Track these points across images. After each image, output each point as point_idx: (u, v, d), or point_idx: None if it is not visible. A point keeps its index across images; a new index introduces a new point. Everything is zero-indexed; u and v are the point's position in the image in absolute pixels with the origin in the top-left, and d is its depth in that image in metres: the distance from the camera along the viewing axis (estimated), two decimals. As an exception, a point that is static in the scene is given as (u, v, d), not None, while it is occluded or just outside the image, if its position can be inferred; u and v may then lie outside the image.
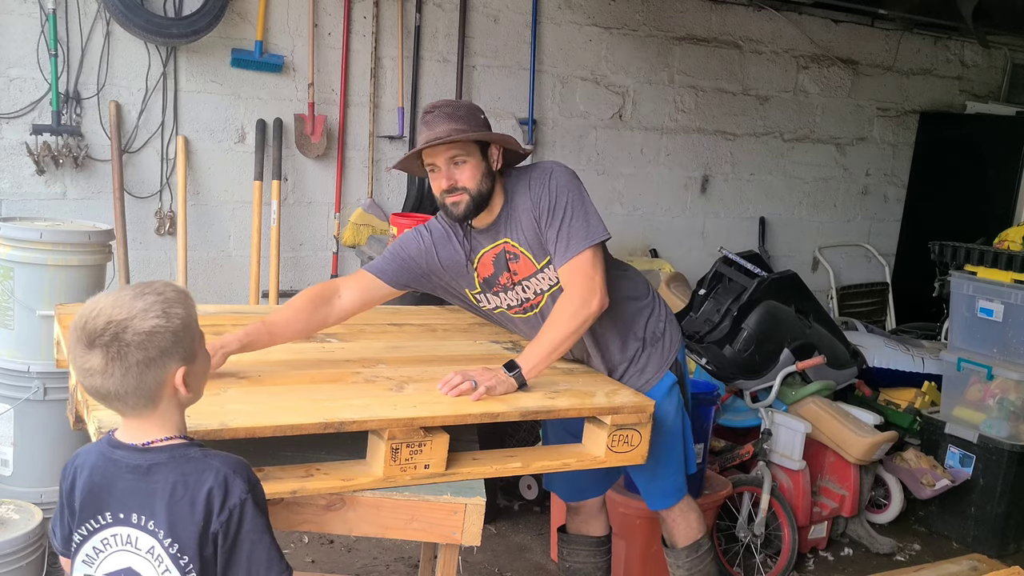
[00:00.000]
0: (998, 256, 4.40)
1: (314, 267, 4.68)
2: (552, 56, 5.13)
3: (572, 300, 2.44)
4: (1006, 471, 4.26)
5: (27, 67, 3.92)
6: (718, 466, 3.95)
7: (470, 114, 2.50)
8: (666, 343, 2.72)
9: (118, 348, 1.47)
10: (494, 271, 2.63)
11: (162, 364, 1.52)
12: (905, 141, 6.63)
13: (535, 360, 2.37)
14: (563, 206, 2.48)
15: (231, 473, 1.55)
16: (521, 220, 2.54)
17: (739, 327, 4.00)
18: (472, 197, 2.49)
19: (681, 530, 2.84)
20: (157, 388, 1.53)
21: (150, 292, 1.53)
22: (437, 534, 2.04)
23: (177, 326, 1.53)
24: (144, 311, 1.49)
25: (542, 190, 2.50)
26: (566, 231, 2.46)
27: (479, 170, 2.49)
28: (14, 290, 3.18)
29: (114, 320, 1.48)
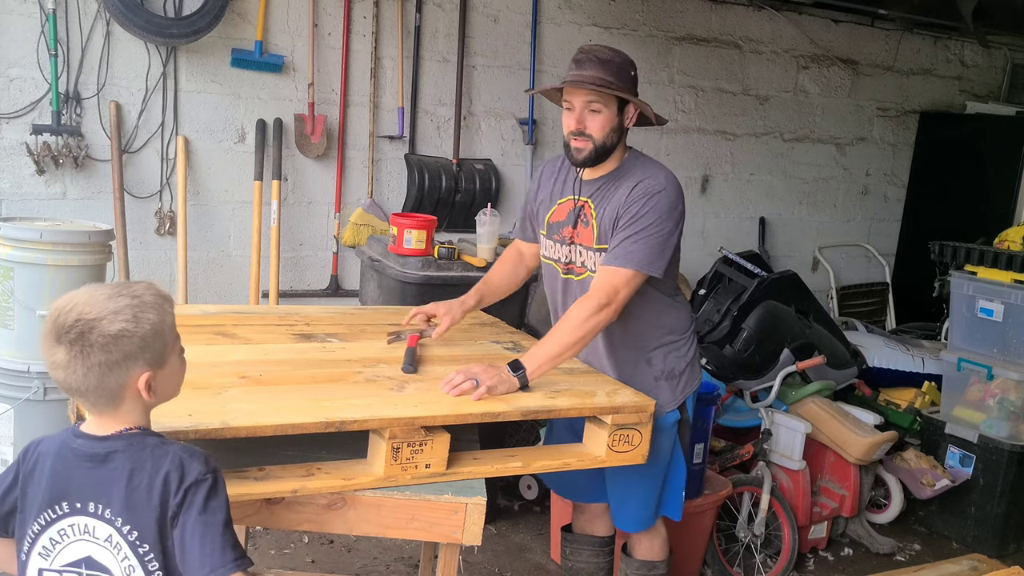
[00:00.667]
0: (998, 256, 4.40)
1: (314, 267, 4.68)
2: (552, 56, 5.13)
3: (588, 303, 2.45)
4: (1006, 471, 4.26)
5: (27, 67, 3.92)
6: (718, 466, 3.95)
7: (621, 68, 2.53)
8: (681, 383, 2.71)
9: (81, 347, 1.48)
10: (564, 220, 2.69)
11: (125, 368, 1.51)
12: (905, 141, 6.63)
13: (540, 361, 2.37)
14: (644, 226, 2.49)
15: (188, 457, 1.55)
16: (611, 200, 2.56)
17: (739, 327, 4.01)
18: (595, 147, 2.55)
19: (643, 547, 2.88)
20: (119, 390, 1.53)
21: (126, 294, 1.53)
22: (438, 534, 2.04)
23: (146, 331, 1.52)
24: (114, 313, 1.50)
25: (643, 199, 2.50)
26: (629, 245, 2.48)
27: (610, 123, 2.54)
28: (14, 290, 3.18)
29: (83, 318, 1.48)
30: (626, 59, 2.60)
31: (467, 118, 4.94)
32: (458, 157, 4.88)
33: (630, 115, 2.58)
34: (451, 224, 4.81)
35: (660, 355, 2.68)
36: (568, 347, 2.42)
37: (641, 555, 2.90)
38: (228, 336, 2.49)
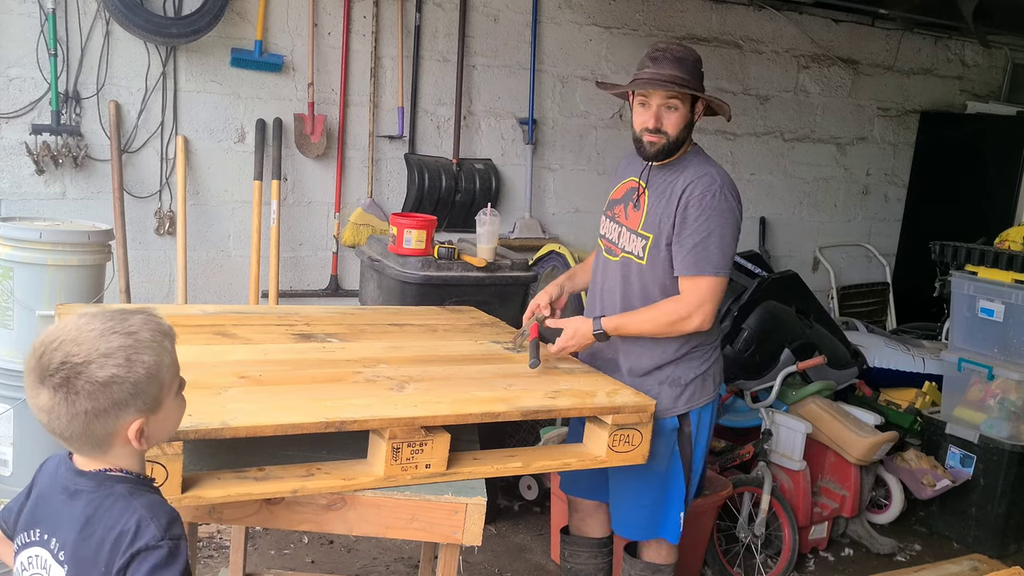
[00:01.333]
0: (998, 256, 4.39)
1: (314, 267, 4.68)
2: (552, 56, 5.13)
3: (680, 306, 2.57)
4: (1007, 471, 4.26)
5: (27, 67, 3.92)
6: (718, 466, 3.95)
7: (695, 67, 2.67)
8: (686, 393, 2.70)
9: (66, 393, 1.35)
10: (620, 199, 2.78)
11: (115, 416, 1.38)
12: (905, 141, 6.63)
13: (624, 330, 2.61)
14: (711, 229, 2.55)
15: (148, 517, 1.39)
16: (667, 193, 2.63)
17: (739, 327, 4.00)
18: (668, 142, 2.63)
19: (651, 551, 2.88)
20: (106, 437, 1.40)
21: (120, 331, 1.39)
22: (438, 534, 2.04)
23: (139, 377, 1.38)
24: (104, 356, 1.36)
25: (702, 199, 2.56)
26: (700, 251, 2.55)
27: (684, 120, 2.65)
28: (14, 290, 3.18)
29: (69, 361, 1.35)
30: (697, 57, 2.72)
31: (467, 118, 4.94)
32: (458, 157, 4.87)
33: (699, 111, 2.71)
34: (451, 224, 4.81)
35: (671, 362, 2.69)
36: (643, 333, 2.62)
37: (648, 558, 2.88)
38: (228, 336, 2.49)
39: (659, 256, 2.64)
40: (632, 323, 2.62)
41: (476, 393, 2.24)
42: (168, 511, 1.44)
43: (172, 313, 2.78)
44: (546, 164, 5.21)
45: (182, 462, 1.78)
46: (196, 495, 1.83)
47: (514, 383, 2.36)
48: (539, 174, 5.19)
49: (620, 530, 2.86)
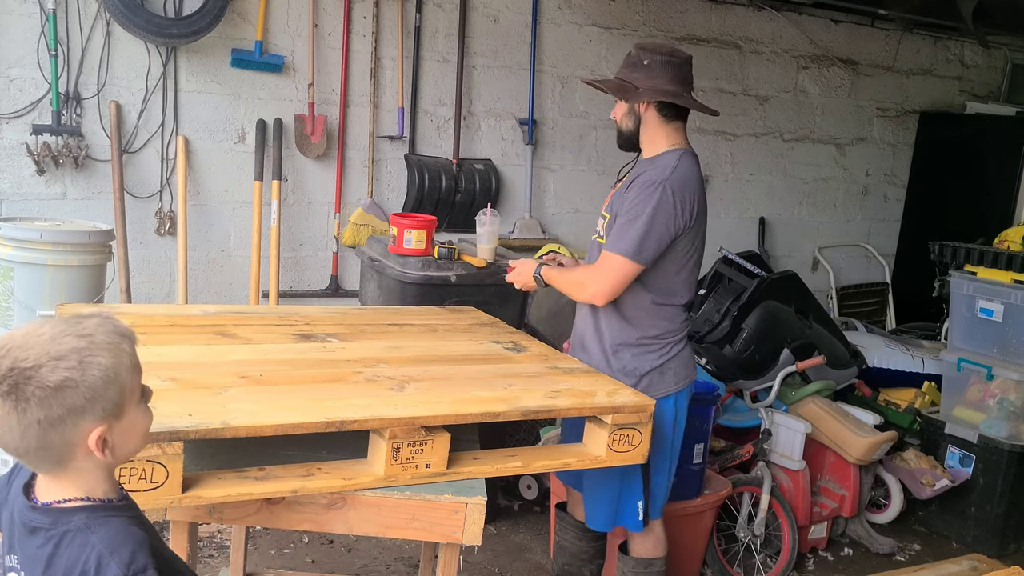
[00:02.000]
0: (998, 256, 4.40)
1: (314, 267, 4.68)
2: (552, 56, 5.13)
3: (585, 273, 2.81)
4: (1006, 471, 4.26)
5: (27, 67, 3.92)
6: (718, 466, 3.95)
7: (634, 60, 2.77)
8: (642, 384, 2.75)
9: (15, 401, 1.24)
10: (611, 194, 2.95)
11: (71, 424, 1.27)
12: (905, 141, 6.63)
13: (554, 282, 2.85)
14: (635, 215, 2.66)
15: (107, 555, 1.28)
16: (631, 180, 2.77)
17: (739, 327, 4.01)
18: (620, 131, 2.85)
19: (636, 545, 2.96)
20: (65, 450, 1.29)
21: (72, 333, 1.29)
22: (438, 533, 2.04)
23: (95, 380, 1.27)
24: (56, 360, 1.25)
25: (640, 188, 2.69)
26: (619, 231, 2.69)
27: (622, 110, 2.82)
28: (14, 290, 3.18)
29: (17, 367, 1.24)
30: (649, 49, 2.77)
31: (467, 118, 4.94)
32: (458, 157, 4.88)
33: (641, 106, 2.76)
34: (451, 224, 4.81)
35: (627, 352, 2.79)
36: (560, 288, 2.87)
37: (636, 553, 2.96)
38: (228, 336, 2.50)
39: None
40: (558, 279, 2.85)
41: (476, 393, 2.24)
42: (130, 540, 1.31)
43: (172, 313, 2.79)
44: (546, 164, 5.22)
45: (182, 462, 1.78)
46: (196, 495, 1.84)
47: (514, 383, 2.36)
48: (539, 174, 5.20)
49: (589, 522, 2.96)
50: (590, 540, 3.11)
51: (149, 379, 2.00)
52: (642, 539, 2.94)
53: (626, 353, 2.78)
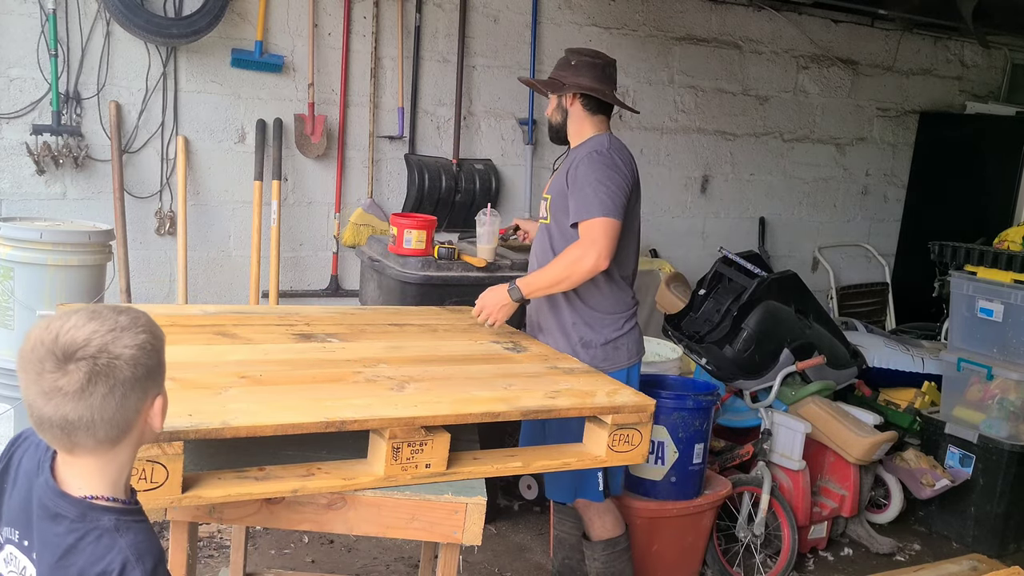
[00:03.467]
0: (998, 256, 4.40)
1: (314, 267, 4.68)
2: (552, 56, 5.13)
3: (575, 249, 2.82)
4: (1006, 471, 4.26)
5: (27, 67, 3.92)
6: (718, 466, 3.95)
7: (563, 61, 3.04)
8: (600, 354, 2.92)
9: (107, 361, 1.26)
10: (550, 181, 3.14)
11: (143, 389, 1.33)
12: (905, 141, 6.63)
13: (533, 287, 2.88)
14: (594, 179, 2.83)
15: (133, 561, 1.30)
16: (568, 162, 2.97)
17: (739, 327, 4.00)
18: (550, 124, 3.11)
19: (596, 527, 3.06)
20: (133, 417, 1.33)
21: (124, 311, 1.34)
22: (438, 533, 2.04)
23: (161, 347, 1.35)
24: (130, 325, 1.31)
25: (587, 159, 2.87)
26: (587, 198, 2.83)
27: (552, 104, 3.08)
28: (14, 290, 3.18)
29: (100, 331, 1.27)
30: (577, 53, 3.04)
31: (467, 118, 4.94)
32: (458, 157, 4.88)
33: (568, 99, 3.00)
34: (451, 224, 4.81)
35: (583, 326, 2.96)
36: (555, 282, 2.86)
37: (598, 535, 3.04)
38: (228, 336, 2.50)
39: (556, 214, 2.97)
40: (540, 278, 2.89)
41: (476, 393, 2.24)
42: (154, 551, 1.34)
43: (172, 313, 2.79)
44: (546, 164, 5.22)
45: (182, 462, 1.78)
46: (196, 495, 1.83)
47: (514, 383, 2.36)
48: (539, 174, 5.19)
49: (550, 494, 3.09)
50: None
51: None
52: (601, 520, 3.03)
53: (582, 327, 2.95)
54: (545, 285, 2.88)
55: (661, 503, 3.53)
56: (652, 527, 3.52)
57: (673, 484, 3.54)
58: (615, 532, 3.06)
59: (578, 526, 3.15)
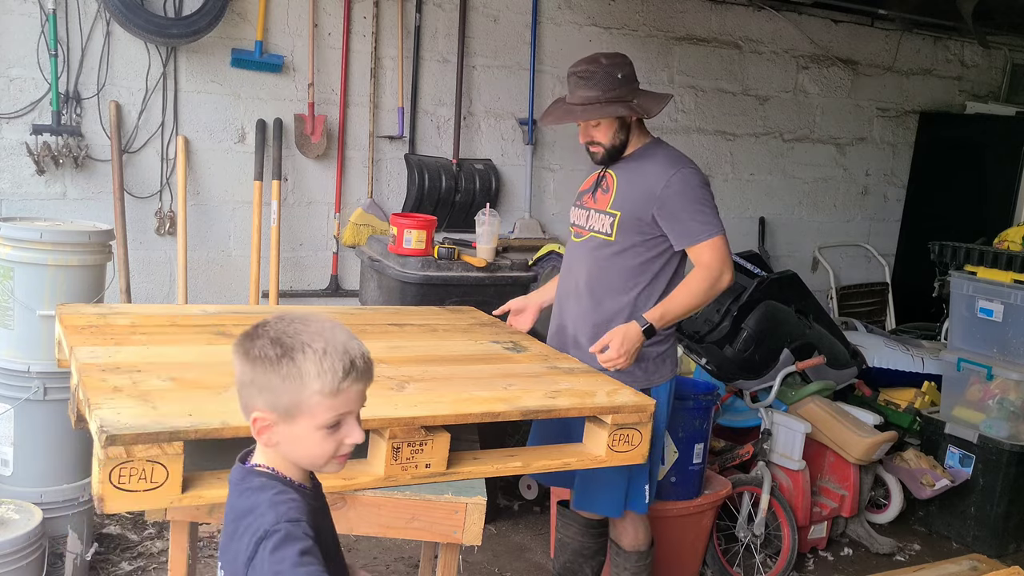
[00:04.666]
0: (998, 256, 4.40)
1: (314, 267, 4.68)
2: (552, 56, 5.13)
3: (710, 271, 2.76)
4: (1006, 471, 4.26)
5: (27, 67, 3.92)
6: (718, 466, 3.95)
7: (605, 77, 2.74)
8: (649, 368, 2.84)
9: (242, 347, 1.45)
10: (587, 188, 2.99)
11: (251, 393, 1.48)
12: (905, 141, 6.63)
13: (668, 317, 2.76)
14: (698, 203, 2.75)
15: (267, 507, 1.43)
16: (638, 176, 2.81)
17: (739, 327, 4.00)
18: (607, 150, 2.84)
19: (631, 537, 3.01)
20: (246, 411, 1.50)
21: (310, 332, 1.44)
22: (438, 533, 2.05)
23: (279, 374, 1.45)
24: (277, 340, 1.43)
25: (683, 184, 2.75)
26: (699, 220, 2.75)
27: (612, 128, 2.80)
28: (14, 290, 3.18)
29: (260, 326, 1.45)
30: (611, 63, 2.78)
31: (467, 118, 4.94)
32: (458, 157, 4.88)
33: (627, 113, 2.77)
34: (451, 224, 4.81)
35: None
36: (693, 308, 2.81)
37: (628, 545, 3.00)
38: (228, 336, 2.49)
39: (627, 233, 2.82)
40: (673, 306, 2.77)
41: (476, 393, 2.24)
42: (291, 505, 1.42)
43: (172, 313, 2.79)
44: (546, 164, 5.22)
45: (182, 462, 1.78)
46: (196, 495, 1.84)
47: (514, 383, 2.36)
48: (539, 174, 5.20)
49: (590, 507, 2.98)
50: (593, 536, 3.12)
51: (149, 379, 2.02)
52: (635, 531, 2.99)
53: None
54: (681, 314, 2.80)
55: (661, 503, 3.52)
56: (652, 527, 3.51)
57: (673, 484, 3.54)
58: (647, 544, 3.02)
59: (583, 531, 3.12)
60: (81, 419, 2.05)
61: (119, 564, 3.40)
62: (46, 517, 3.07)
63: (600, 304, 2.87)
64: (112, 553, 3.47)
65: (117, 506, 1.74)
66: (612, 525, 3.04)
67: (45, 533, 3.05)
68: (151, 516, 2.05)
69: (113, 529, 3.62)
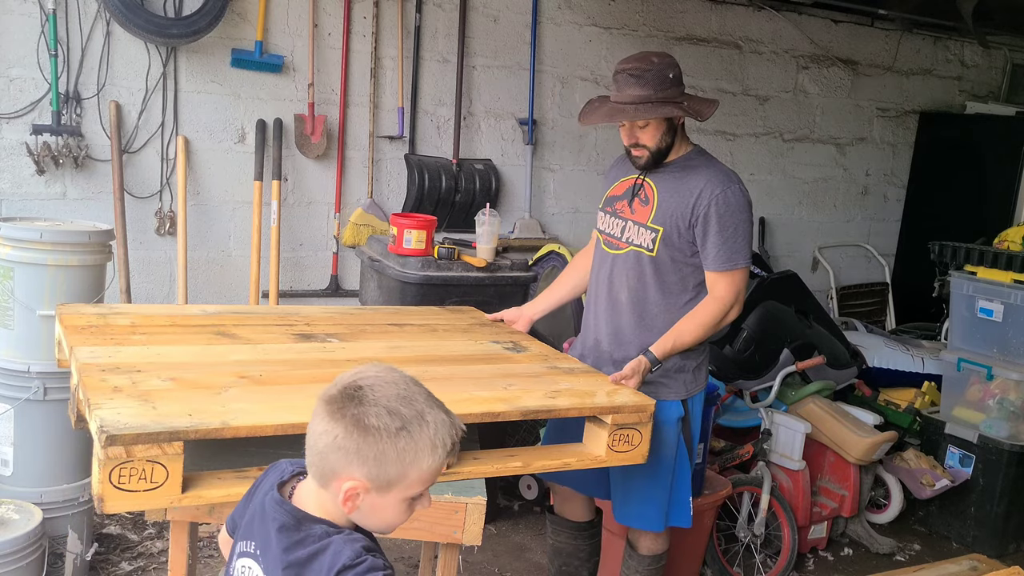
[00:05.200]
0: (998, 256, 4.40)
1: (314, 267, 4.68)
2: (552, 56, 5.13)
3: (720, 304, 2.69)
4: (1006, 471, 4.26)
5: (27, 67, 3.92)
6: (718, 466, 3.95)
7: (658, 76, 2.64)
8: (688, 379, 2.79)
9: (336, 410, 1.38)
10: (621, 195, 2.86)
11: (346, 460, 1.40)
12: (905, 141, 6.63)
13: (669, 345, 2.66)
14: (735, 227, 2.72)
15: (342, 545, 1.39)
16: (679, 189, 2.72)
17: (739, 327, 4.00)
18: (652, 153, 2.73)
19: (649, 543, 2.96)
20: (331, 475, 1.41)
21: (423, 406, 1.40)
22: (438, 533, 2.05)
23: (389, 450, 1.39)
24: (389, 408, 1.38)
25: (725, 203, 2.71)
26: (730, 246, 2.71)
27: (659, 130, 2.71)
28: (14, 290, 3.18)
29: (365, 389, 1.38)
30: (662, 63, 2.69)
31: (467, 118, 4.94)
32: (458, 157, 4.88)
33: (679, 114, 2.71)
34: (451, 224, 4.81)
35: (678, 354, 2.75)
36: (698, 341, 2.71)
37: (646, 550, 2.95)
38: (228, 336, 2.50)
39: (670, 248, 2.73)
40: (681, 338, 2.68)
41: (476, 393, 2.24)
42: (365, 542, 1.39)
43: (172, 313, 2.79)
44: (546, 164, 5.22)
45: (182, 462, 1.78)
46: (196, 495, 1.84)
47: (514, 383, 2.36)
48: (539, 174, 5.20)
49: (632, 522, 2.89)
50: (585, 538, 3.11)
51: (149, 379, 2.02)
52: (655, 538, 2.93)
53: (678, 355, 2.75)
54: (687, 347, 2.71)
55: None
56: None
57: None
58: (664, 549, 2.97)
59: (574, 534, 3.09)
60: (81, 419, 2.05)
61: (119, 564, 3.40)
62: (46, 517, 3.07)
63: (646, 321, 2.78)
64: (112, 553, 3.47)
65: (117, 506, 1.74)
66: (632, 530, 2.97)
67: (45, 533, 3.05)
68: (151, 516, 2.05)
69: (113, 529, 3.62)
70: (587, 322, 2.96)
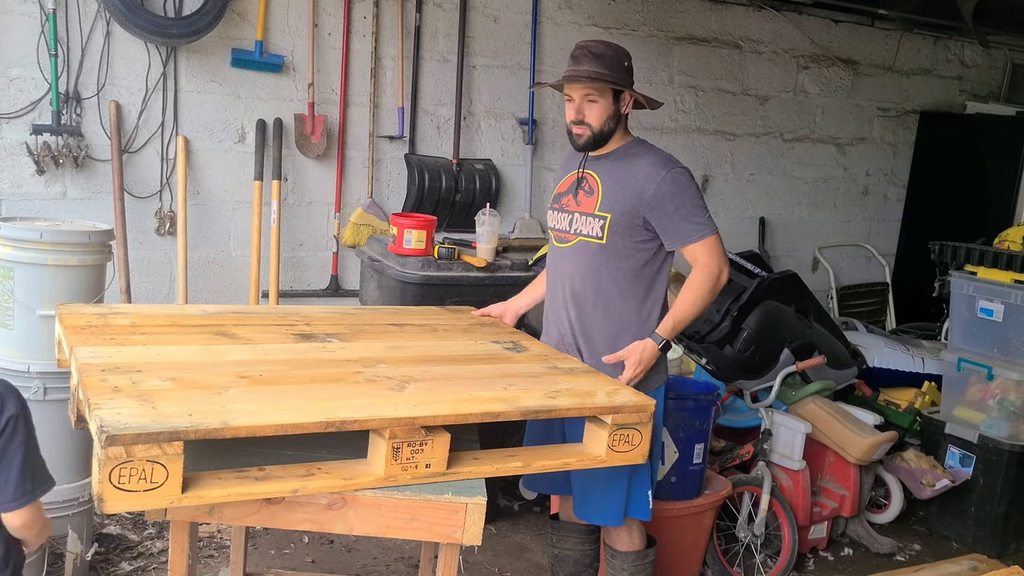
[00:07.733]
0: (998, 256, 4.40)
1: (314, 267, 4.68)
2: (552, 56, 5.13)
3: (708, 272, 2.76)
4: (1006, 471, 4.26)
5: (27, 67, 3.92)
6: (718, 466, 3.95)
7: (614, 60, 2.77)
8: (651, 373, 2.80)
9: None
10: (566, 191, 2.94)
11: None
12: (905, 141, 6.63)
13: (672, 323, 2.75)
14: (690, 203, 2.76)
15: (6, 392, 1.92)
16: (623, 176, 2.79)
17: (739, 327, 4.00)
18: (593, 133, 2.80)
19: (624, 540, 2.97)
20: None
21: None
22: (438, 533, 2.04)
23: None
24: None
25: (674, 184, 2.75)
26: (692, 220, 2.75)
27: (606, 112, 2.78)
28: (14, 290, 3.18)
29: None
30: (619, 51, 2.82)
31: (467, 118, 4.94)
32: (458, 157, 4.88)
33: (625, 102, 2.81)
34: (451, 224, 4.81)
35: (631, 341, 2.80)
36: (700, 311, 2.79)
37: (624, 547, 2.97)
38: (228, 336, 2.49)
39: (620, 235, 2.79)
40: (682, 315, 2.77)
41: (476, 393, 2.24)
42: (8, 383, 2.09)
43: (172, 313, 2.79)
44: (546, 164, 5.22)
45: (182, 462, 1.78)
46: (196, 495, 1.83)
47: (514, 383, 2.36)
48: (539, 174, 5.20)
49: (590, 518, 2.94)
50: (592, 543, 3.09)
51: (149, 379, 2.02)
52: (628, 535, 2.96)
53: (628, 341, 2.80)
54: (689, 321, 2.80)
55: (661, 503, 3.51)
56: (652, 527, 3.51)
57: (673, 484, 3.54)
58: (642, 545, 2.99)
59: (582, 540, 3.09)
60: (81, 419, 2.05)
61: (119, 564, 3.40)
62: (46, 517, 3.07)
63: (609, 311, 2.83)
64: (112, 553, 3.47)
65: (117, 506, 1.74)
66: (605, 531, 2.99)
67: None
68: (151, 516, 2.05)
69: (113, 529, 3.62)
70: (547, 319, 3.01)
